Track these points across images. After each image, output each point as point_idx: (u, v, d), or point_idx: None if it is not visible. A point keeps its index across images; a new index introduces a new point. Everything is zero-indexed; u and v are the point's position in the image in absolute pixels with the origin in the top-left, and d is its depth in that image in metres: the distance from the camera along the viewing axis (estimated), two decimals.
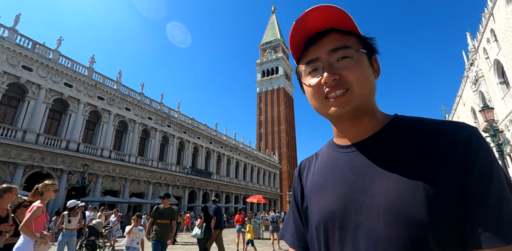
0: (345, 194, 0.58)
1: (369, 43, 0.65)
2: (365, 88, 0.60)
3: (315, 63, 0.63)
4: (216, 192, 37.57)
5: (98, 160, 22.50)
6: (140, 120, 27.68)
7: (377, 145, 0.60)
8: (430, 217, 0.47)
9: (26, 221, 3.29)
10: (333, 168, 0.65)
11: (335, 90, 0.59)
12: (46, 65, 19.93)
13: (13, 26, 18.61)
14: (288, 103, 73.68)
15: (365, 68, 0.61)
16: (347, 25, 0.62)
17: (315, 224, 0.63)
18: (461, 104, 35.19)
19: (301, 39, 0.65)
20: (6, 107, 18.33)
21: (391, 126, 0.62)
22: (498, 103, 21.11)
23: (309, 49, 0.65)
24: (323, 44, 0.62)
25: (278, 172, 60.56)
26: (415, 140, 0.56)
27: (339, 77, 0.59)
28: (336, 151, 0.67)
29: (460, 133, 0.54)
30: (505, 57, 18.66)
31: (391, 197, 0.52)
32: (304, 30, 0.63)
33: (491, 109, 11.34)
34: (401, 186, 0.52)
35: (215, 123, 40.55)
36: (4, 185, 3.61)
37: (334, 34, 0.63)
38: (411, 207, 0.49)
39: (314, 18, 0.61)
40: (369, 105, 0.63)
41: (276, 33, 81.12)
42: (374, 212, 0.52)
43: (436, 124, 0.58)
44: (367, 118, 0.63)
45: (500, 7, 18.22)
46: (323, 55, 0.62)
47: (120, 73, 26.66)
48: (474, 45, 24.73)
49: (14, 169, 17.53)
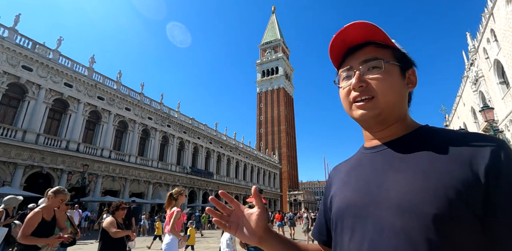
0: (362, 188, 0.64)
1: (404, 57, 0.71)
2: (389, 96, 0.65)
3: (349, 71, 0.71)
4: (216, 192, 37.53)
5: (98, 160, 22.50)
6: (140, 120, 27.68)
7: (399, 147, 0.65)
8: (436, 211, 0.51)
9: (172, 224, 4.13)
10: (357, 167, 0.72)
11: (361, 96, 0.66)
12: (46, 65, 19.93)
13: (13, 26, 18.61)
14: (288, 103, 73.69)
15: (393, 79, 0.67)
16: (381, 39, 0.69)
17: (334, 214, 0.70)
18: (461, 104, 35.18)
19: (340, 50, 0.73)
20: (6, 107, 18.33)
21: (417, 132, 0.67)
22: (498, 103, 21.10)
23: (346, 59, 0.73)
24: (358, 56, 0.70)
25: (278, 172, 60.54)
26: (437, 146, 0.60)
27: (366, 85, 0.66)
28: (363, 153, 0.74)
29: (486, 145, 0.55)
30: (505, 57, 18.65)
31: (403, 192, 0.56)
32: (343, 43, 0.71)
33: (491, 109, 11.34)
34: (414, 183, 0.56)
35: (215, 123, 40.58)
36: (57, 187, 3.66)
37: (369, 47, 0.70)
38: (419, 201, 0.53)
39: (352, 33, 0.69)
40: (396, 114, 0.68)
41: (276, 33, 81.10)
42: (384, 203, 0.58)
43: (463, 134, 0.61)
44: (395, 125, 0.69)
45: (500, 7, 18.21)
46: (356, 65, 0.69)
47: (120, 73, 26.66)
48: (474, 45, 24.72)
49: (14, 169, 17.53)
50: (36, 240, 3.27)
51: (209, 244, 13.19)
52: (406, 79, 0.70)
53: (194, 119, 35.80)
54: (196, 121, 36.29)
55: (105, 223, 3.92)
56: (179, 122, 32.64)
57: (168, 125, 31.24)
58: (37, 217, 3.33)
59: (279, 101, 70.73)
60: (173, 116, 32.22)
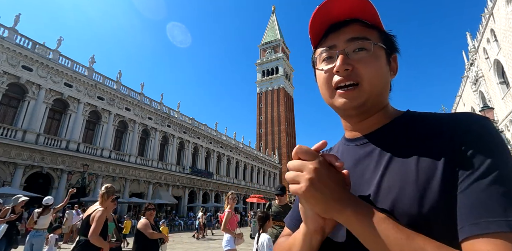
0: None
1: (390, 40, 0.63)
2: (376, 85, 0.58)
3: (331, 51, 0.62)
4: (216, 192, 37.57)
5: (98, 160, 22.49)
6: (140, 120, 27.67)
7: (380, 139, 0.60)
8: (419, 207, 0.47)
9: (224, 223, 4.68)
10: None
11: (345, 81, 0.58)
12: (46, 65, 19.92)
13: (13, 26, 18.60)
14: (288, 103, 73.69)
15: (381, 64, 0.60)
16: (371, 18, 0.60)
17: None
18: (461, 104, 35.19)
19: (322, 25, 0.63)
20: (6, 107, 18.32)
21: (398, 121, 0.61)
22: (498, 103, 21.11)
23: (328, 36, 0.63)
24: (343, 32, 0.61)
25: (278, 172, 60.55)
26: (417, 133, 0.55)
27: (352, 69, 0.58)
28: (345, 145, 0.68)
29: (460, 123, 0.50)
30: (505, 57, 18.66)
31: (381, 189, 0.53)
32: (327, 17, 0.61)
33: (491, 109, 11.35)
34: (395, 177, 0.52)
35: (215, 123, 40.56)
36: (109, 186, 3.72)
37: (356, 24, 0.61)
38: (402, 197, 0.49)
39: (339, 5, 0.59)
40: (379, 103, 0.61)
41: (276, 33, 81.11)
42: (371, 200, 0.54)
43: (442, 116, 0.55)
44: (376, 115, 0.62)
45: (500, 7, 18.22)
46: (341, 44, 0.60)
47: (120, 73, 26.66)
48: (474, 45, 24.73)
49: (14, 169, 17.52)
50: (102, 242, 3.31)
51: (209, 244, 13.20)
52: (390, 65, 0.63)
53: (194, 119, 35.80)
54: (196, 121, 36.29)
55: (139, 225, 3.98)
56: (179, 122, 32.64)
57: (168, 125, 31.23)
58: (104, 216, 3.39)
59: (279, 101, 70.74)
60: (173, 116, 32.21)
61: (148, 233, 3.88)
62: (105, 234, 3.53)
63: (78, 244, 3.33)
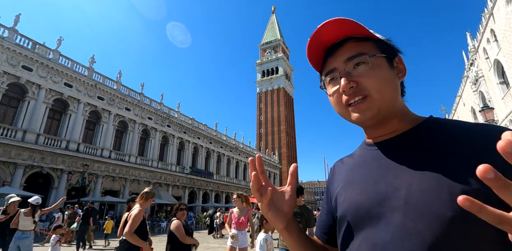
0: (369, 187, 0.60)
1: (388, 45, 0.66)
2: (384, 92, 0.60)
3: (333, 73, 0.66)
4: (216, 192, 37.57)
5: (98, 160, 22.49)
6: (140, 120, 27.67)
7: (405, 143, 0.61)
8: (452, 212, 0.47)
9: (227, 223, 5.21)
10: (361, 165, 0.67)
11: (353, 97, 0.61)
12: (46, 65, 19.92)
13: (13, 26, 18.60)
14: (288, 103, 73.67)
15: (383, 72, 0.62)
16: (360, 32, 0.63)
17: (341, 215, 0.65)
18: (461, 104, 35.18)
19: (320, 53, 0.68)
20: (6, 107, 18.32)
21: (421, 126, 0.62)
22: (498, 103, 21.10)
23: (327, 60, 0.68)
24: (339, 54, 0.65)
25: (278, 172, 60.53)
26: (443, 140, 0.56)
27: (357, 85, 0.61)
28: (366, 149, 0.69)
29: (491, 137, 0.50)
30: (505, 57, 18.65)
31: (413, 191, 0.52)
32: (320, 43, 0.66)
33: (491, 109, 11.35)
34: (426, 182, 0.52)
35: (215, 123, 40.55)
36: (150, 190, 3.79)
37: (349, 43, 0.65)
38: (432, 201, 0.49)
39: (326, 32, 0.63)
40: (394, 108, 0.63)
41: (276, 33, 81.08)
42: (395, 203, 0.54)
43: (469, 126, 0.57)
44: (395, 120, 0.64)
45: (500, 7, 18.21)
46: (340, 65, 0.64)
47: (120, 73, 26.65)
48: (474, 45, 24.71)
49: (14, 169, 17.52)
50: (138, 241, 3.34)
51: (209, 244, 13.20)
52: (395, 68, 0.65)
53: (194, 119, 35.80)
54: (196, 121, 36.29)
55: (172, 226, 3.88)
56: (179, 122, 32.64)
57: (168, 125, 31.23)
58: (141, 214, 3.44)
59: (279, 101, 70.72)
60: (173, 116, 32.21)
61: (181, 235, 3.76)
62: (145, 234, 3.57)
63: (120, 242, 3.50)
